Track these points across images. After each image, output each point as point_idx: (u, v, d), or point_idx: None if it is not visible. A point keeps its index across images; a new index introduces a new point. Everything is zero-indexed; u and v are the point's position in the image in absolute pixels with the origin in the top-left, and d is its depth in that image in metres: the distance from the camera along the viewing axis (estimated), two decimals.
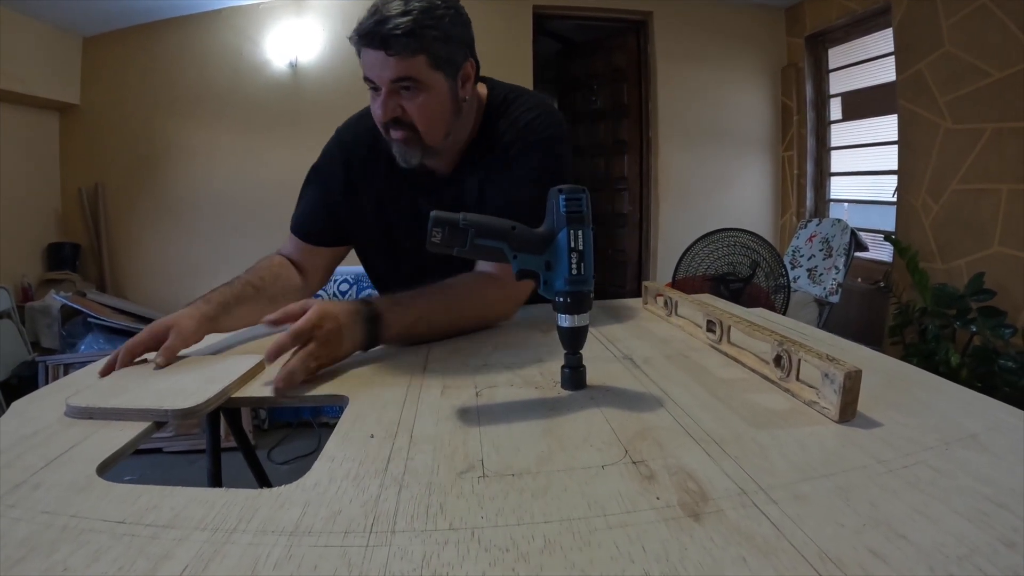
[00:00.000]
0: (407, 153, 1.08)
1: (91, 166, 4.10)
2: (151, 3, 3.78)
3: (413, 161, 1.09)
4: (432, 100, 1.04)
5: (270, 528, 0.48)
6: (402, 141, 1.06)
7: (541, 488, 0.53)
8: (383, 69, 1.00)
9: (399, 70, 1.00)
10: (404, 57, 0.99)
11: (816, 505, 0.49)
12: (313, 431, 3.10)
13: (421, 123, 1.05)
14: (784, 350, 0.75)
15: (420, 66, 1.01)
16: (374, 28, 0.97)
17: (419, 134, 1.06)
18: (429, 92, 1.03)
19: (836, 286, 3.40)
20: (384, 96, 1.02)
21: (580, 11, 4.39)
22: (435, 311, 1.02)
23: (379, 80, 1.02)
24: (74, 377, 0.91)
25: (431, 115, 1.05)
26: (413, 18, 0.97)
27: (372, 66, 1.01)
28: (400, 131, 1.05)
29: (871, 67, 3.83)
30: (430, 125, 1.06)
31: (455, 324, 1.05)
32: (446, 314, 1.03)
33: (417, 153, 1.08)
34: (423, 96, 1.03)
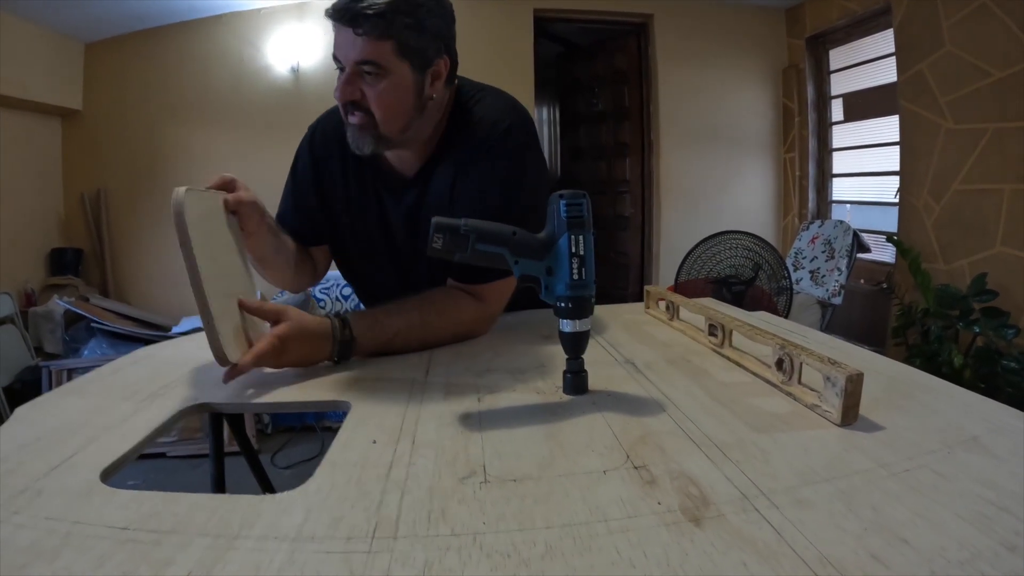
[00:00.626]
0: (359, 140, 1.04)
1: (94, 171, 4.11)
2: (153, 9, 3.79)
3: (365, 149, 1.05)
4: (393, 89, 1.01)
5: (272, 534, 0.48)
6: (357, 126, 1.03)
7: (543, 493, 0.53)
8: (349, 48, 0.98)
9: (364, 52, 0.97)
10: (371, 39, 0.96)
11: (818, 510, 0.49)
12: (316, 435, 3.10)
13: (378, 111, 1.01)
14: (786, 353, 0.75)
15: (386, 52, 0.97)
16: (348, 4, 0.94)
17: (375, 121, 1.02)
18: (391, 80, 1.00)
19: (839, 288, 3.39)
20: (346, 77, 1.00)
21: (581, 14, 4.39)
22: (411, 329, 1.00)
23: (344, 59, 0.99)
24: (79, 382, 0.91)
25: (389, 104, 1.02)
26: (388, 1, 0.94)
27: (340, 44, 0.99)
28: (356, 115, 1.02)
29: (872, 68, 3.83)
30: (387, 114, 1.02)
31: (429, 340, 1.03)
32: (421, 331, 1.01)
33: (370, 141, 1.04)
34: (384, 83, 1.00)
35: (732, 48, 4.44)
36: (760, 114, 4.54)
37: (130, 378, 0.92)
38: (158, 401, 0.80)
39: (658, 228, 4.52)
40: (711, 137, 4.47)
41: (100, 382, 0.91)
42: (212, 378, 0.86)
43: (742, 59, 4.48)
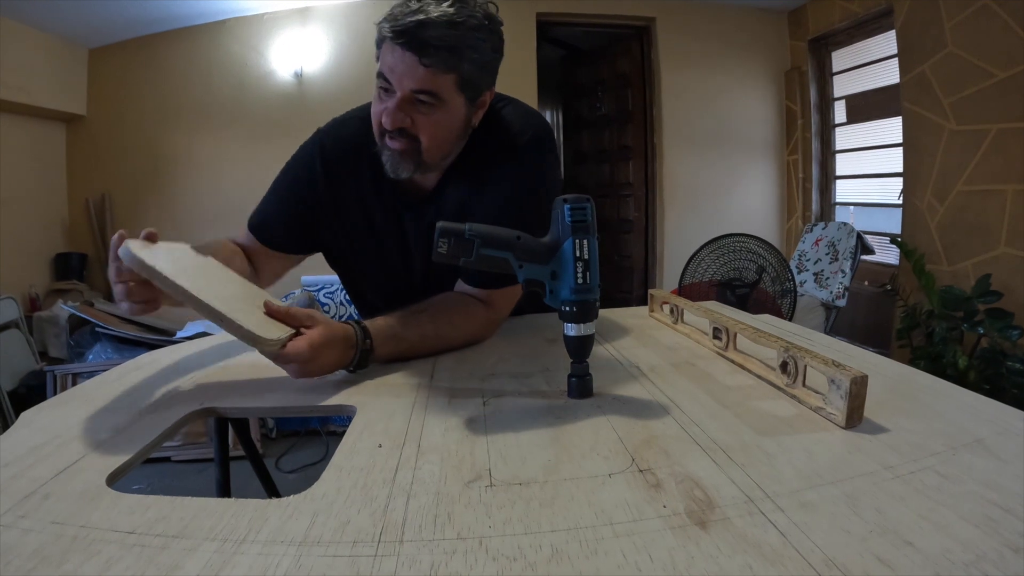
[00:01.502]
0: (399, 165, 1.01)
1: (98, 176, 4.12)
2: (156, 14, 3.81)
3: (403, 174, 1.02)
4: (446, 120, 0.98)
5: (279, 538, 0.48)
6: (398, 151, 0.99)
7: (548, 497, 0.53)
8: (407, 75, 0.92)
9: (425, 82, 0.93)
10: (435, 71, 0.92)
11: (823, 512, 0.49)
12: (321, 440, 3.10)
13: (427, 140, 0.98)
14: (790, 356, 0.75)
15: (447, 84, 0.94)
16: (415, 29, 0.89)
17: (420, 149, 0.99)
18: (446, 111, 0.97)
19: (843, 290, 3.39)
20: (397, 102, 0.95)
21: (583, 18, 4.39)
22: (425, 338, 0.99)
23: (398, 83, 0.93)
24: (84, 387, 0.92)
25: (440, 134, 0.99)
26: (460, 34, 0.91)
27: (395, 67, 0.93)
28: (400, 142, 0.98)
29: (874, 69, 3.83)
30: (434, 144, 1.00)
31: (441, 347, 1.02)
32: (434, 340, 1.01)
33: (410, 167, 1.01)
34: (439, 114, 0.97)
35: (735, 51, 4.44)
36: (763, 117, 4.53)
37: (135, 383, 0.92)
38: (163, 406, 0.81)
39: (662, 231, 4.52)
40: (714, 140, 4.47)
41: (105, 387, 0.91)
42: (217, 383, 0.86)
43: (745, 62, 4.48)
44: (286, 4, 4.03)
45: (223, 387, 0.88)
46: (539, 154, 1.09)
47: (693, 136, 4.44)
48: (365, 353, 0.90)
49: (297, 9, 4.07)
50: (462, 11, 0.91)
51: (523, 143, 1.08)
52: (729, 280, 3.31)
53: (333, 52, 4.11)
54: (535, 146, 1.09)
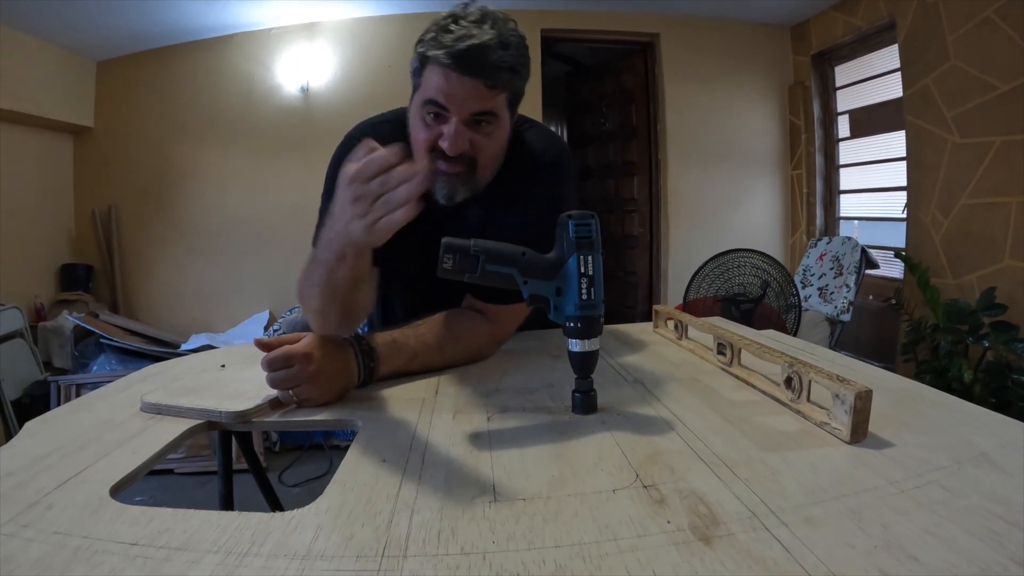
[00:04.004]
0: (456, 189, 0.99)
1: (104, 188, 4.15)
2: (164, 28, 3.85)
3: (458, 198, 1.00)
4: (500, 138, 1.00)
5: (282, 552, 0.48)
6: (456, 175, 0.98)
7: (552, 513, 0.53)
8: (469, 98, 0.92)
9: (487, 103, 0.93)
10: (497, 92, 0.93)
11: (827, 527, 0.49)
12: (324, 454, 3.10)
13: (484, 159, 0.99)
14: (794, 371, 0.75)
15: (502, 102, 0.96)
16: (479, 54, 0.89)
17: (475, 170, 0.99)
18: (499, 129, 0.98)
19: (847, 304, 3.38)
20: (458, 127, 0.93)
21: (587, 34, 4.42)
22: (429, 350, 0.99)
23: (458, 109, 0.93)
24: (89, 398, 0.92)
25: (494, 153, 1.01)
26: (515, 53, 0.92)
27: (451, 92, 0.92)
28: (458, 165, 0.97)
29: (878, 84, 3.83)
30: (490, 162, 1.01)
31: (445, 363, 1.02)
32: (439, 352, 1.01)
33: (467, 190, 1.00)
34: (496, 132, 0.98)
35: (738, 66, 4.46)
36: (767, 131, 4.54)
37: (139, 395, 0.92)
38: (167, 418, 0.81)
39: (666, 247, 4.52)
40: (718, 155, 4.47)
41: (110, 398, 0.91)
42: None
43: (748, 77, 4.49)
44: (293, 19, 4.06)
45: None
46: (561, 177, 1.11)
47: (697, 151, 4.45)
48: (369, 364, 0.90)
49: (304, 25, 4.11)
50: (504, 31, 0.92)
51: (546, 166, 1.10)
52: (733, 295, 3.31)
53: (339, 67, 4.13)
54: (558, 169, 1.11)
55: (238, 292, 4.23)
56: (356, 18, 4.10)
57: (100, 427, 0.78)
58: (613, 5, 4.22)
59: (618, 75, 4.77)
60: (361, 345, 0.91)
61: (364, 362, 0.90)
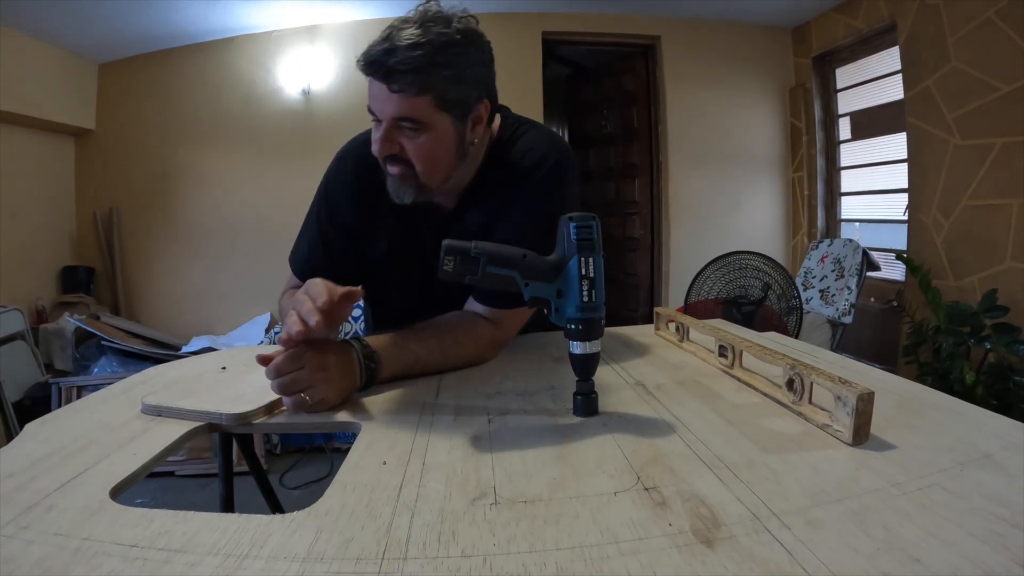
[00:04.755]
0: (401, 190, 1.02)
1: (106, 190, 4.16)
2: (166, 31, 3.86)
3: (406, 199, 1.02)
4: (434, 142, 0.97)
5: (282, 554, 0.48)
6: (397, 177, 1.00)
7: (553, 515, 0.53)
8: (384, 103, 0.94)
9: (401, 108, 0.93)
10: (407, 95, 0.92)
11: (830, 530, 0.49)
12: (325, 456, 3.10)
13: (419, 164, 0.98)
14: (796, 374, 0.75)
15: (424, 106, 0.94)
16: (381, 58, 0.90)
17: (416, 172, 0.99)
18: (431, 133, 0.96)
19: (849, 306, 3.38)
20: (383, 132, 0.96)
21: (589, 36, 4.42)
22: (431, 352, 0.99)
23: (380, 113, 0.95)
24: (89, 400, 0.92)
25: (430, 157, 0.99)
26: (424, 53, 0.89)
27: (374, 97, 0.95)
28: (397, 167, 0.99)
29: (878, 86, 3.84)
30: (429, 167, 0.99)
31: (446, 365, 1.02)
32: (440, 355, 1.01)
33: (411, 192, 1.02)
34: (424, 137, 0.96)
35: (739, 68, 4.46)
36: (768, 134, 4.54)
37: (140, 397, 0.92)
38: (168, 420, 0.81)
39: (667, 249, 4.52)
40: (720, 157, 4.48)
41: (110, 400, 0.91)
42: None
43: (749, 79, 4.50)
44: (294, 22, 4.07)
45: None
46: (561, 180, 1.09)
47: (698, 154, 4.45)
48: (371, 366, 0.90)
49: (305, 27, 4.12)
50: (429, 31, 0.91)
51: (546, 168, 1.08)
52: (735, 298, 3.31)
53: (340, 70, 4.14)
54: (558, 172, 1.09)
55: (239, 295, 4.23)
56: (357, 21, 4.11)
57: (101, 429, 0.78)
58: (614, 7, 4.23)
59: (619, 77, 4.77)
60: (362, 347, 0.91)
61: (365, 363, 0.90)
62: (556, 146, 1.12)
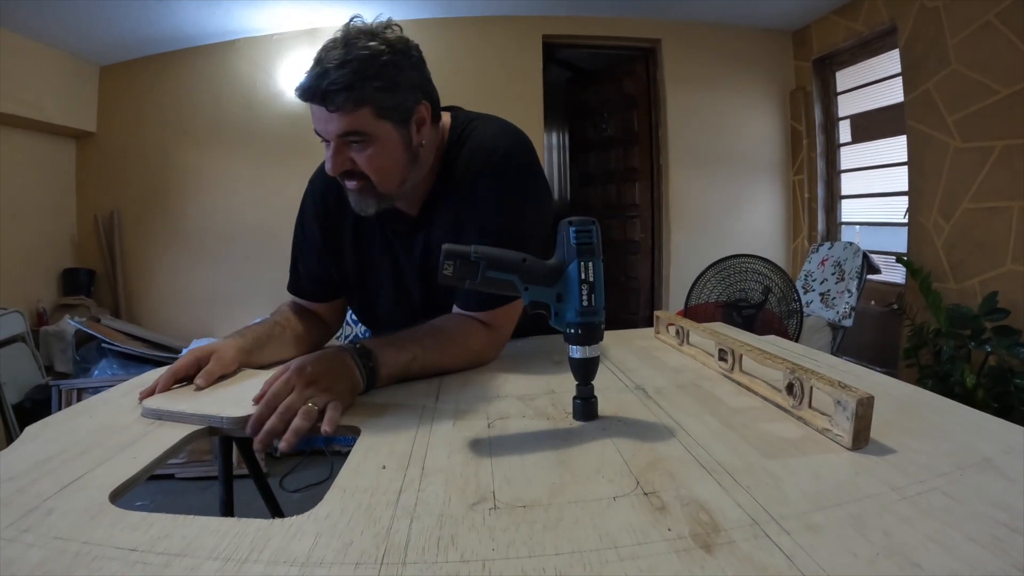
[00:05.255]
0: (362, 203, 1.06)
1: (107, 193, 4.16)
2: (167, 34, 3.86)
3: (369, 211, 1.06)
4: (382, 151, 1.01)
5: (282, 559, 0.48)
6: (357, 191, 1.04)
7: (553, 520, 0.53)
8: (327, 124, 0.97)
9: (342, 125, 0.97)
10: (346, 112, 0.95)
11: (829, 535, 0.49)
12: (325, 460, 3.09)
13: (373, 175, 1.02)
14: (796, 378, 0.75)
15: (365, 119, 0.97)
16: (314, 83, 0.94)
17: (372, 183, 1.03)
18: (378, 143, 1.00)
19: (849, 310, 3.38)
20: (333, 150, 1.00)
21: (589, 39, 4.43)
22: (428, 354, 1.00)
23: (325, 134, 0.99)
24: (90, 402, 0.92)
25: (382, 166, 1.02)
26: (352, 70, 0.93)
27: (318, 120, 0.99)
28: (353, 181, 1.03)
29: (879, 88, 3.84)
30: (382, 176, 1.03)
31: (444, 365, 1.03)
32: (438, 355, 1.01)
33: (372, 202, 1.05)
34: (372, 148, 1.00)
35: (740, 71, 4.47)
36: (768, 137, 4.55)
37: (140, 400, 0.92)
38: (168, 423, 0.81)
39: (668, 252, 4.52)
40: (720, 161, 4.48)
41: (111, 403, 0.91)
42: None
43: (750, 82, 4.50)
44: (295, 25, 4.07)
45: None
46: (516, 168, 1.09)
47: (699, 157, 4.45)
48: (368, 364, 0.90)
49: (306, 31, 4.12)
50: (353, 48, 0.95)
51: (498, 159, 1.08)
52: (735, 301, 3.31)
53: None
54: (510, 160, 1.09)
55: (239, 297, 4.23)
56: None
57: (101, 432, 0.78)
58: (615, 11, 4.23)
59: (620, 81, 4.78)
60: (356, 348, 0.91)
61: (363, 362, 0.90)
62: (506, 135, 1.12)
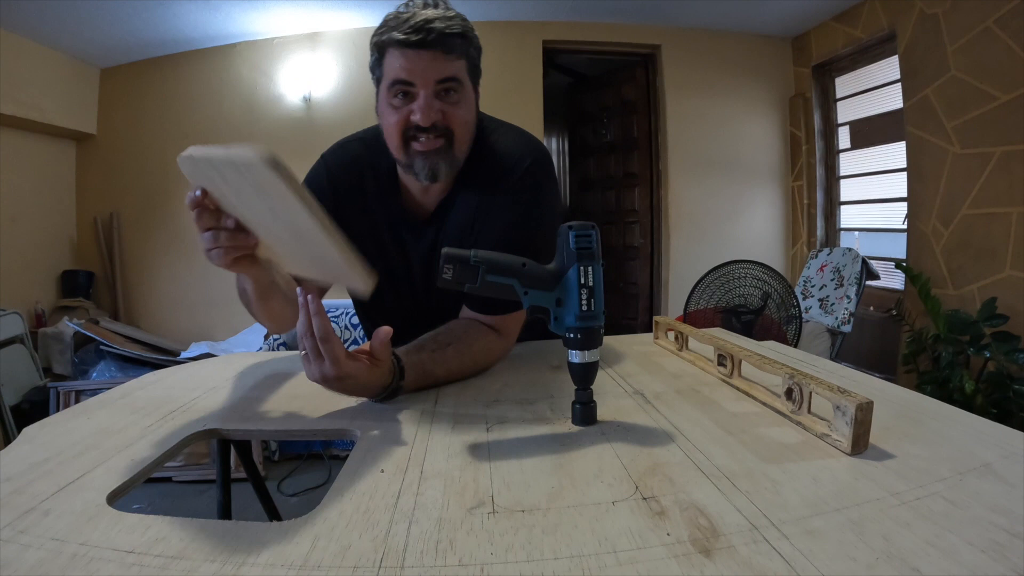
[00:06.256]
0: (436, 164, 1.03)
1: (107, 195, 4.16)
2: (168, 36, 3.87)
3: (439, 175, 1.04)
4: (468, 107, 1.04)
5: (279, 562, 0.48)
6: (434, 151, 1.02)
7: (551, 524, 0.53)
8: (429, 68, 0.97)
9: (447, 70, 0.98)
10: (454, 58, 0.98)
11: (828, 540, 0.49)
12: (323, 463, 3.09)
13: (458, 129, 1.02)
14: (795, 383, 0.75)
15: (462, 70, 1.01)
16: (426, 26, 0.95)
17: (452, 143, 1.02)
18: (467, 97, 1.03)
19: (848, 315, 3.38)
20: (428, 97, 0.98)
21: (589, 45, 4.44)
22: (451, 374, 0.98)
23: (423, 81, 0.98)
24: (87, 404, 0.92)
25: (466, 121, 1.04)
26: (460, 22, 0.98)
27: (413, 67, 0.97)
28: (436, 139, 1.01)
29: (878, 95, 3.85)
30: (464, 132, 1.04)
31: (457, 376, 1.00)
32: (458, 375, 1.00)
33: (443, 165, 1.03)
34: (463, 100, 1.02)
35: (739, 78, 4.48)
36: (767, 143, 4.56)
37: (139, 402, 0.92)
38: (166, 426, 0.81)
39: (667, 258, 4.52)
40: (719, 166, 4.48)
41: (109, 405, 0.91)
42: (220, 404, 0.86)
43: (749, 88, 4.51)
44: (296, 29, 4.08)
45: (226, 408, 0.88)
46: (539, 180, 1.10)
47: (698, 163, 4.46)
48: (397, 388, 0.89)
49: (306, 35, 4.13)
50: (448, 9, 1.00)
51: (524, 169, 1.09)
52: (734, 307, 3.31)
53: (341, 77, 4.15)
54: (535, 172, 1.09)
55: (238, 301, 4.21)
56: (359, 28, 4.13)
57: (98, 434, 0.78)
58: (615, 17, 4.24)
59: (620, 86, 4.79)
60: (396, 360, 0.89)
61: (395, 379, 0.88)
62: (532, 147, 1.13)
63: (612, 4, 4.02)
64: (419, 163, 1.03)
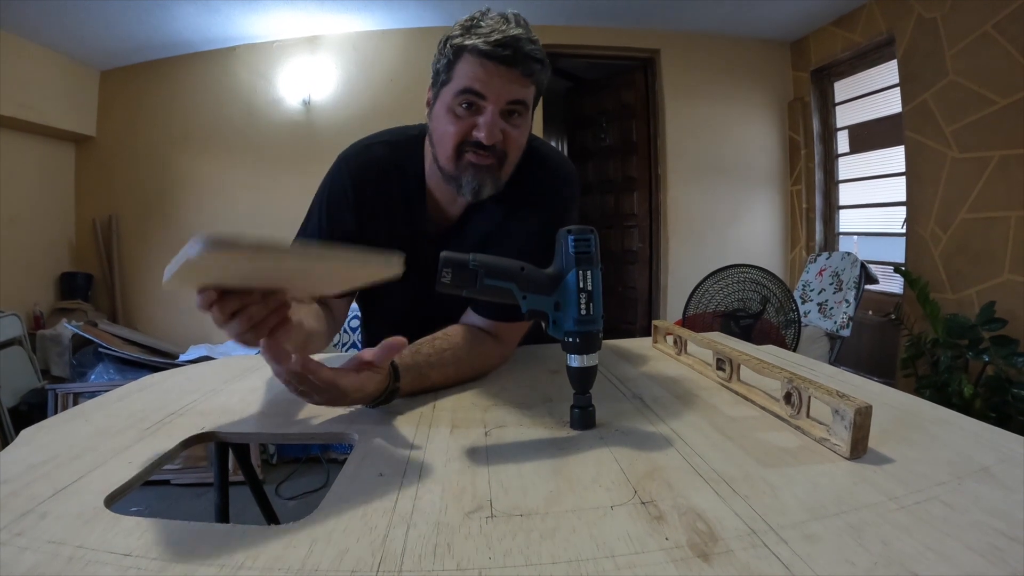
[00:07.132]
0: (483, 182, 1.01)
1: (106, 197, 4.16)
2: (167, 39, 3.88)
3: (485, 193, 1.02)
4: (525, 132, 1.02)
5: (277, 565, 0.48)
6: (486, 168, 0.99)
7: (549, 529, 0.53)
8: (505, 86, 0.95)
9: (522, 92, 0.96)
10: (529, 81, 0.96)
11: (827, 544, 0.49)
12: (322, 467, 3.08)
13: (512, 152, 1.01)
14: (794, 387, 0.75)
15: (531, 95, 0.99)
16: (514, 44, 0.92)
17: (504, 165, 1.01)
18: (526, 124, 1.01)
19: (847, 319, 3.38)
20: (495, 115, 0.96)
21: (588, 49, 4.44)
22: (448, 379, 0.98)
23: (495, 97, 0.95)
24: (85, 407, 0.92)
25: (521, 147, 1.02)
26: (540, 47, 0.96)
27: (489, 80, 0.94)
28: (489, 158, 0.99)
29: (877, 99, 3.85)
30: (515, 158, 1.02)
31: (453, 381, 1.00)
32: (455, 381, 1.00)
33: (490, 183, 1.01)
34: (523, 126, 1.01)
35: (738, 82, 4.48)
36: (766, 147, 4.56)
37: (137, 405, 0.92)
38: (164, 429, 0.81)
39: (666, 262, 4.52)
40: (718, 170, 4.49)
41: (107, 407, 0.91)
42: (218, 407, 0.86)
43: (748, 93, 4.52)
44: (295, 32, 4.09)
45: (224, 411, 0.87)
46: (568, 195, 1.11)
47: (697, 167, 4.46)
48: (394, 391, 0.88)
49: (306, 38, 4.13)
50: (528, 30, 0.96)
51: (556, 183, 1.10)
52: (733, 311, 3.31)
53: (341, 81, 4.15)
54: (565, 187, 1.11)
55: None
56: (359, 32, 4.13)
57: (96, 436, 0.77)
58: (614, 21, 4.25)
59: (618, 90, 4.79)
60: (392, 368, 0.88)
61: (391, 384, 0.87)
62: (566, 164, 1.14)
63: (611, 8, 4.03)
64: (468, 176, 1.01)
